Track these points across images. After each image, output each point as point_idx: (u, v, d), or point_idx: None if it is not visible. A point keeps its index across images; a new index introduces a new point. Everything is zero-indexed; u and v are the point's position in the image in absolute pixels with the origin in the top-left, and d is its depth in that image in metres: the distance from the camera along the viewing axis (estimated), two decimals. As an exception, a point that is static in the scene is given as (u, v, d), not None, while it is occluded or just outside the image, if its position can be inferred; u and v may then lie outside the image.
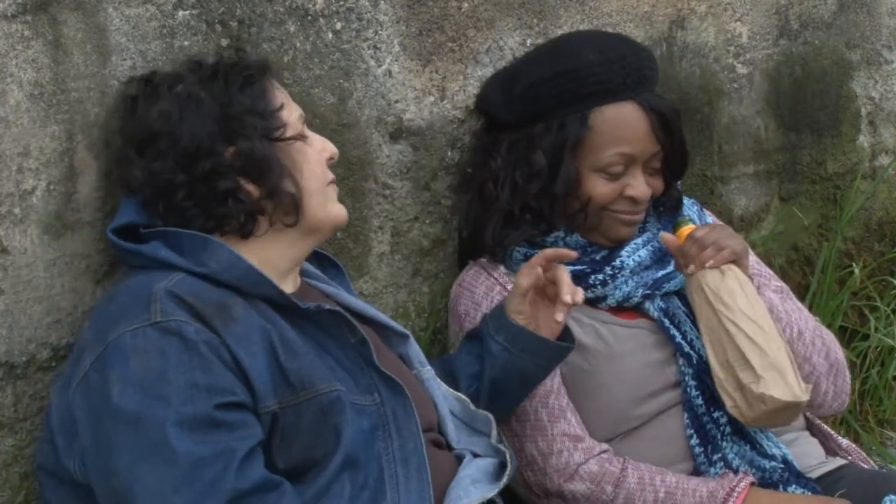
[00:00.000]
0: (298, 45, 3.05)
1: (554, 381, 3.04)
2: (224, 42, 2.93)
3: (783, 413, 2.94)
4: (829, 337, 3.24)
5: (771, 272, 3.33)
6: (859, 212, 4.08)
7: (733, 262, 3.02)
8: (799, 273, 4.00)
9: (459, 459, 2.78)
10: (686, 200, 3.27)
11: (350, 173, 3.14)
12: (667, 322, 3.08)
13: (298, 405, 2.54)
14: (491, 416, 2.86)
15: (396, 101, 3.21)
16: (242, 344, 2.51)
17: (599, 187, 3.08)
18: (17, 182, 2.70)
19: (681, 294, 3.12)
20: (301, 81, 3.05)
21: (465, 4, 3.30)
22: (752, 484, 2.95)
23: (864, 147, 4.10)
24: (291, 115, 2.72)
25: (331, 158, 2.76)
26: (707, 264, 3.00)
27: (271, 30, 3.01)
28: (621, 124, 3.07)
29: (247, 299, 2.59)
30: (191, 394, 2.44)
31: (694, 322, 3.08)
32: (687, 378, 3.04)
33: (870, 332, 4.00)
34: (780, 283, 3.31)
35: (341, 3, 3.11)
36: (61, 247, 2.75)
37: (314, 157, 2.73)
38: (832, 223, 4.03)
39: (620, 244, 3.13)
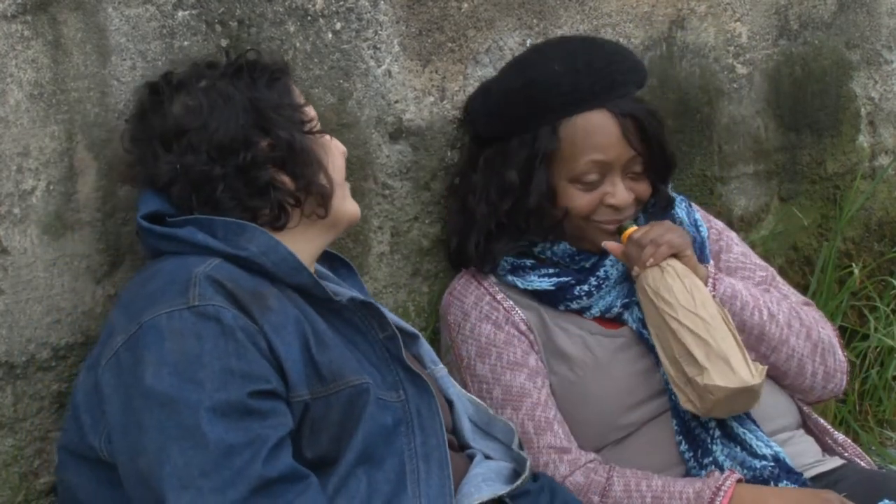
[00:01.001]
0: (298, 45, 3.05)
1: (541, 394, 3.04)
2: (224, 42, 2.93)
3: (737, 399, 2.93)
4: (812, 317, 3.20)
5: (759, 263, 3.31)
6: (859, 212, 4.08)
7: (675, 255, 3.01)
8: (799, 273, 4.00)
9: (471, 459, 2.79)
10: (675, 197, 3.25)
11: (350, 173, 3.12)
12: (645, 333, 3.06)
13: (329, 397, 2.55)
14: (513, 426, 2.87)
15: (396, 101, 3.21)
16: (278, 333, 2.52)
17: (577, 199, 3.07)
18: (17, 182, 2.70)
19: None
20: (301, 81, 3.05)
21: (465, 4, 3.30)
22: (739, 480, 2.95)
23: (863, 147, 4.10)
24: (312, 110, 2.75)
25: (343, 154, 2.79)
26: (647, 263, 2.99)
27: (271, 30, 3.01)
28: (591, 132, 3.05)
29: (279, 289, 2.59)
30: (225, 380, 2.44)
31: None
32: (671, 386, 3.03)
33: (869, 332, 3.99)
34: (766, 273, 3.28)
35: (341, 3, 3.11)
36: (61, 247, 2.75)
37: (336, 150, 2.76)
38: (832, 223, 4.03)
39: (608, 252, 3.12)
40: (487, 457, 2.81)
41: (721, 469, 2.99)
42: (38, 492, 2.76)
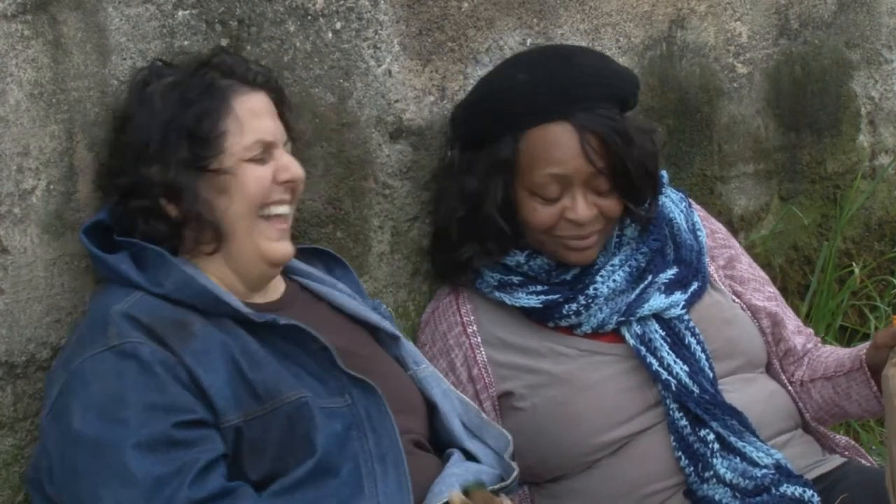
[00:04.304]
0: (298, 44, 3.05)
1: None
2: (224, 42, 2.93)
3: None
4: None
5: (765, 276, 3.31)
6: (859, 211, 4.08)
7: None
8: (799, 273, 4.01)
9: (447, 459, 2.78)
10: (674, 195, 3.22)
11: (350, 173, 3.14)
12: (643, 350, 3.04)
13: (265, 416, 2.55)
14: (508, 436, 2.86)
15: (396, 101, 3.21)
16: (201, 360, 2.53)
17: (536, 212, 3.04)
18: (17, 182, 2.70)
19: (658, 317, 3.08)
20: (301, 81, 3.05)
21: (465, 4, 3.30)
22: None
23: (863, 146, 4.10)
24: (239, 141, 2.66)
25: (289, 181, 2.70)
26: None
27: (271, 29, 3.01)
28: (550, 145, 3.01)
29: (206, 316, 2.60)
30: (149, 415, 2.48)
31: (672, 346, 3.05)
32: (668, 402, 3.02)
33: (870, 332, 3.99)
34: (774, 290, 3.29)
35: (341, 2, 3.11)
36: (61, 246, 2.75)
37: (254, 183, 2.67)
38: (832, 223, 4.03)
39: (590, 265, 3.10)
40: (472, 458, 2.80)
41: (723, 481, 2.98)
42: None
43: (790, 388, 3.19)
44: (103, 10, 2.78)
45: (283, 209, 2.72)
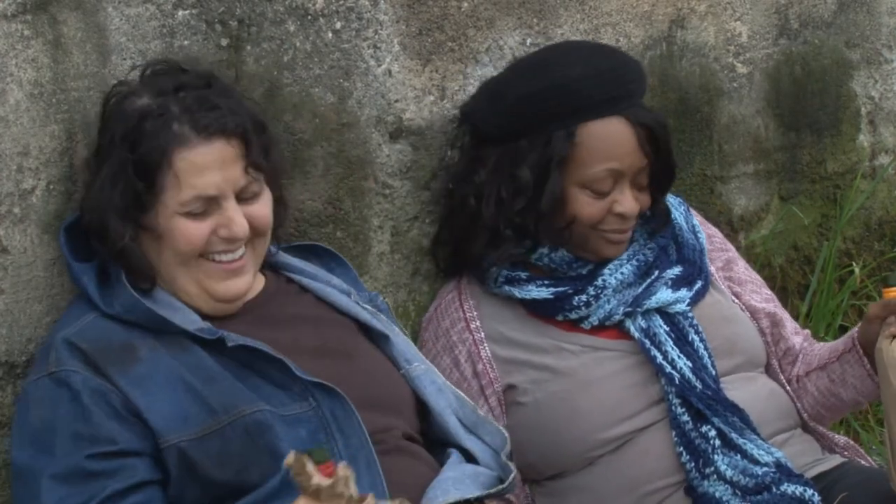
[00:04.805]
0: (298, 44, 3.06)
1: None
2: (224, 42, 2.94)
3: None
4: None
5: (762, 280, 3.32)
6: (859, 211, 4.08)
7: None
8: (799, 273, 4.00)
9: (446, 458, 2.77)
10: (672, 199, 3.24)
11: (350, 173, 3.14)
12: (647, 343, 3.05)
13: (223, 429, 2.56)
14: (506, 433, 2.85)
15: (396, 101, 3.21)
16: (141, 385, 2.55)
17: (587, 206, 3.05)
18: (17, 181, 2.70)
19: (662, 311, 3.09)
20: (301, 81, 3.06)
21: (465, 4, 3.30)
22: None
23: (863, 146, 4.10)
24: (176, 196, 2.61)
25: (228, 239, 2.65)
26: None
27: (271, 29, 3.01)
28: (608, 140, 3.04)
29: (159, 335, 2.61)
30: (73, 445, 2.51)
31: (676, 341, 3.06)
32: (671, 397, 3.02)
33: (870, 332, 3.99)
34: (770, 293, 3.29)
35: (341, 2, 3.11)
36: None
37: (183, 239, 2.63)
38: (832, 222, 4.03)
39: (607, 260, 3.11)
40: (472, 459, 2.80)
41: (723, 478, 2.98)
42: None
43: (788, 387, 3.19)
44: (103, 10, 2.78)
45: (231, 255, 2.67)
